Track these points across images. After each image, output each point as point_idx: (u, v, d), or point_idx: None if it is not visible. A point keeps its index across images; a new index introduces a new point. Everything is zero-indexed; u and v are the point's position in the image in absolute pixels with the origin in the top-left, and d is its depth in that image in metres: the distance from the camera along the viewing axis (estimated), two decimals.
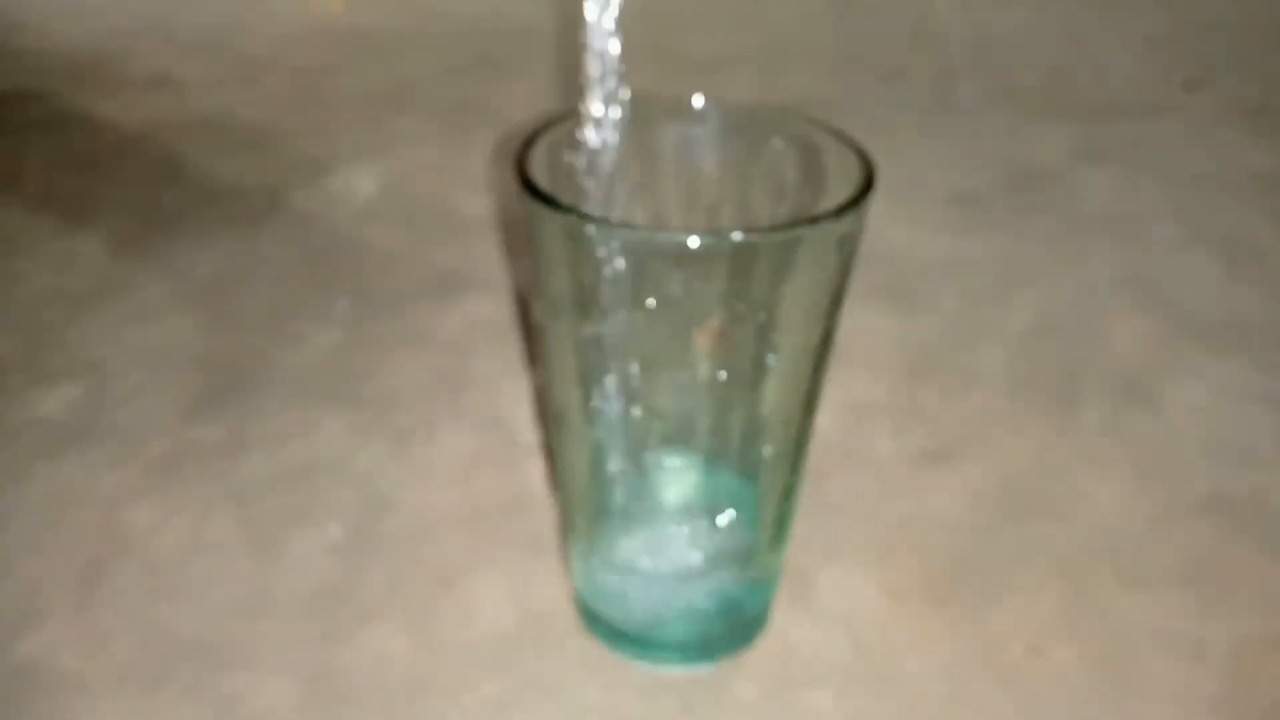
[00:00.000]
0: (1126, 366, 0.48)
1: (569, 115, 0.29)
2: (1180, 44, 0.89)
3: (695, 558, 0.31)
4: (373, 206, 0.62)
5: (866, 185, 0.25)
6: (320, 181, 0.64)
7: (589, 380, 0.28)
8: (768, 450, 0.29)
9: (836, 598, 0.36)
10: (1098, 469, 0.41)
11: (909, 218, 0.60)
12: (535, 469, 0.41)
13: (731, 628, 0.33)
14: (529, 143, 0.28)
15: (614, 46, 0.25)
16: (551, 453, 0.34)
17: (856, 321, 0.34)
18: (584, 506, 0.31)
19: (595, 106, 0.26)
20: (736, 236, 0.24)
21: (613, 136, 0.27)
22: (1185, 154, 0.69)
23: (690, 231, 0.24)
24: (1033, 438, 0.43)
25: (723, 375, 0.27)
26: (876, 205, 0.26)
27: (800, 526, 0.33)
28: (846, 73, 0.82)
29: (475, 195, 0.63)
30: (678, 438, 0.30)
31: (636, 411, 0.28)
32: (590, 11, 0.25)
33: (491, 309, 0.52)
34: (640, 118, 0.28)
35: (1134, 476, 0.41)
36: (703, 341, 0.27)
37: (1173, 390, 0.46)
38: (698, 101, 0.30)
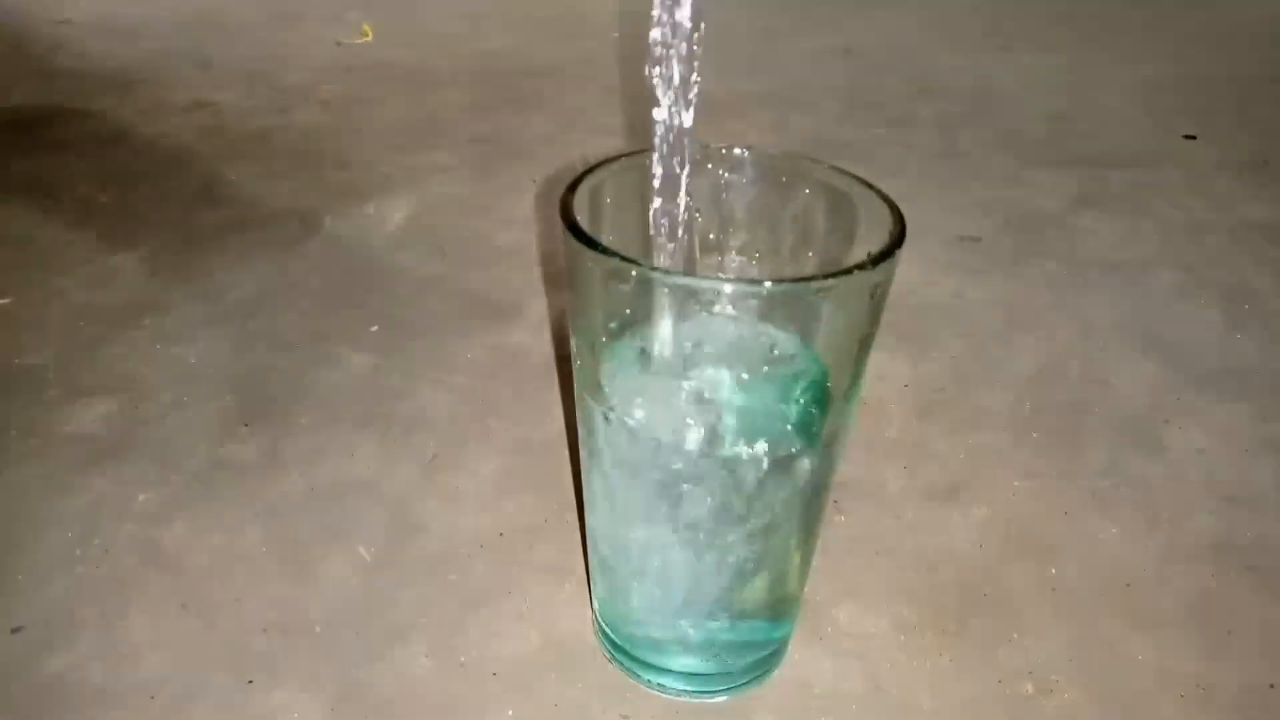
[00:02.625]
0: (1129, 411, 0.49)
1: (609, 160, 0.30)
2: (1179, 95, 0.92)
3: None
4: (404, 234, 0.64)
5: (898, 236, 0.27)
6: (353, 208, 0.66)
7: (620, 415, 0.29)
8: (794, 489, 0.30)
9: (851, 632, 0.37)
10: (1103, 511, 0.43)
11: (916, 258, 0.62)
12: (561, 496, 0.42)
13: (749, 659, 0.34)
14: (573, 186, 0.29)
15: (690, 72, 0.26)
16: (581, 483, 0.35)
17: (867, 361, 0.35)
18: (610, 541, 0.32)
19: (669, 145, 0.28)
20: (771, 286, 0.25)
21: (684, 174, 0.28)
22: (1185, 203, 0.71)
23: (727, 279, 0.25)
24: (1039, 478, 0.44)
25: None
26: None
27: (816, 561, 0.34)
28: (854, 118, 0.85)
29: (503, 226, 0.65)
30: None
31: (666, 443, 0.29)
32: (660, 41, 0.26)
33: (519, 337, 0.53)
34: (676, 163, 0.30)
35: (1139, 519, 0.42)
36: None
37: (1175, 435, 0.47)
38: (730, 149, 0.32)
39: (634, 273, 0.25)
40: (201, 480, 0.43)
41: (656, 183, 0.28)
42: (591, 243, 0.26)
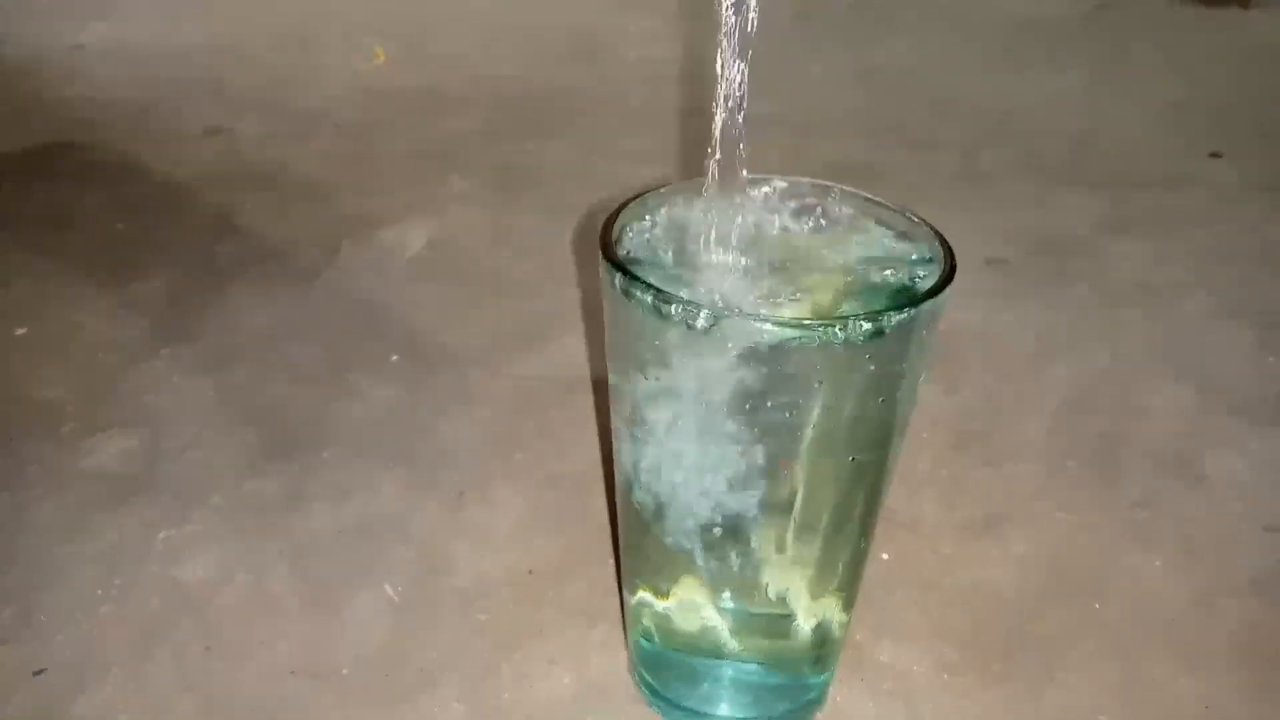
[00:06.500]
0: (1166, 439, 0.48)
1: (645, 192, 0.30)
2: (1201, 114, 0.91)
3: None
4: (424, 262, 0.63)
5: (949, 273, 0.26)
6: (371, 237, 0.66)
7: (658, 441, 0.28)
8: (836, 519, 0.29)
9: (893, 672, 0.36)
10: (1143, 544, 0.42)
11: None
12: (592, 532, 0.42)
13: (790, 702, 0.33)
14: (612, 219, 0.29)
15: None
16: (617, 516, 0.35)
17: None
18: (653, 574, 0.31)
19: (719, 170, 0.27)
20: (825, 324, 0.24)
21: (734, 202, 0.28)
22: (1212, 225, 0.70)
23: (776, 317, 0.24)
24: (1077, 511, 0.44)
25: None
26: None
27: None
28: (875, 141, 0.84)
29: (525, 253, 0.64)
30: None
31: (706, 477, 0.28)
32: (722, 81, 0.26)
33: (545, 366, 0.53)
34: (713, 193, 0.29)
35: (1180, 552, 0.41)
36: None
37: (1212, 464, 0.47)
38: (770, 180, 0.31)
39: (680, 310, 0.25)
40: (224, 518, 0.42)
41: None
42: (635, 278, 0.26)
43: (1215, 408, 0.51)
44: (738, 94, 0.26)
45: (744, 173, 0.28)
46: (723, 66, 0.26)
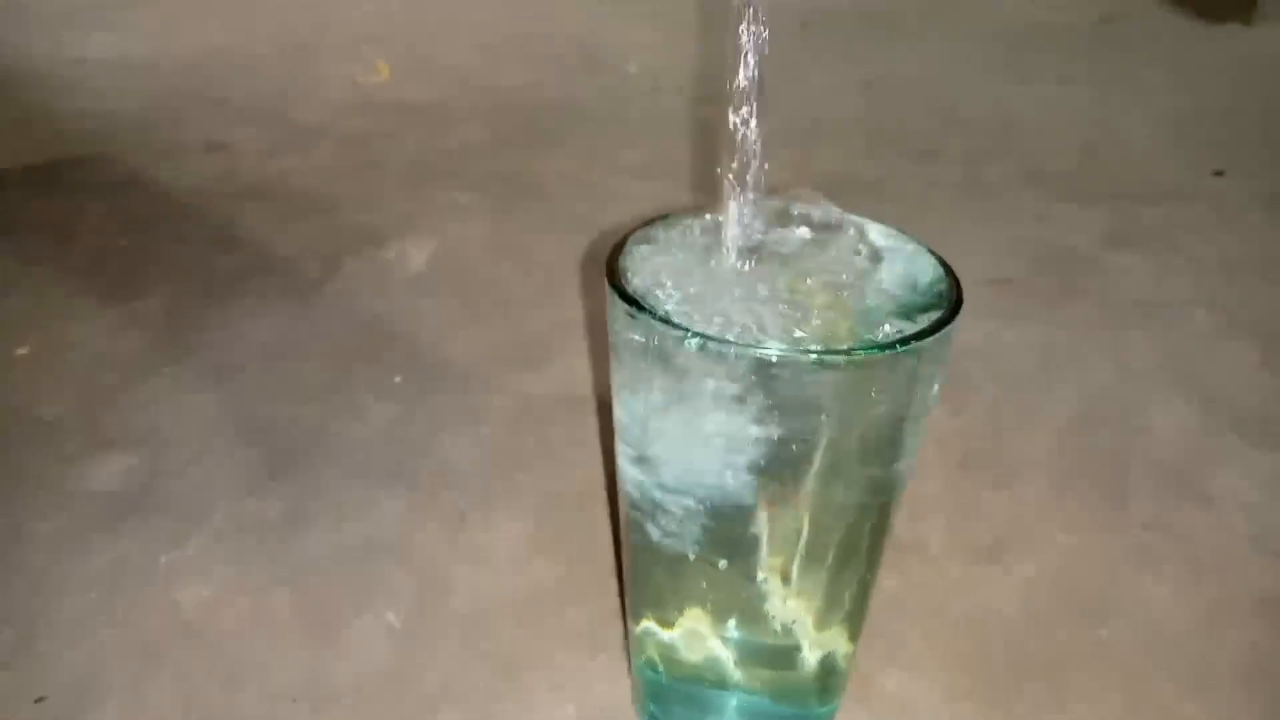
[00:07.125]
0: (1172, 458, 0.48)
1: (654, 218, 0.30)
2: (1205, 128, 0.91)
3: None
4: (426, 277, 0.63)
5: (956, 304, 0.26)
6: (373, 251, 0.66)
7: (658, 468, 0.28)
8: (843, 551, 0.29)
9: (899, 701, 0.35)
10: (1149, 566, 0.41)
11: None
12: (593, 554, 0.41)
13: None
14: (619, 247, 0.28)
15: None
16: (619, 535, 0.34)
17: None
18: (657, 603, 0.31)
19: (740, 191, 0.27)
20: (832, 354, 0.24)
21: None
22: (1216, 239, 0.70)
23: (783, 347, 0.24)
24: (1082, 533, 0.43)
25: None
26: None
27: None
28: (878, 153, 0.84)
29: (527, 268, 0.64)
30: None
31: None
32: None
33: (547, 384, 0.53)
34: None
35: (1186, 574, 0.41)
36: None
37: (1219, 484, 0.46)
38: (779, 202, 0.31)
39: (686, 338, 0.25)
40: (225, 539, 0.42)
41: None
42: (640, 306, 0.25)
43: (1220, 427, 0.50)
44: (752, 112, 0.26)
45: (755, 195, 0.28)
46: (737, 83, 0.26)
